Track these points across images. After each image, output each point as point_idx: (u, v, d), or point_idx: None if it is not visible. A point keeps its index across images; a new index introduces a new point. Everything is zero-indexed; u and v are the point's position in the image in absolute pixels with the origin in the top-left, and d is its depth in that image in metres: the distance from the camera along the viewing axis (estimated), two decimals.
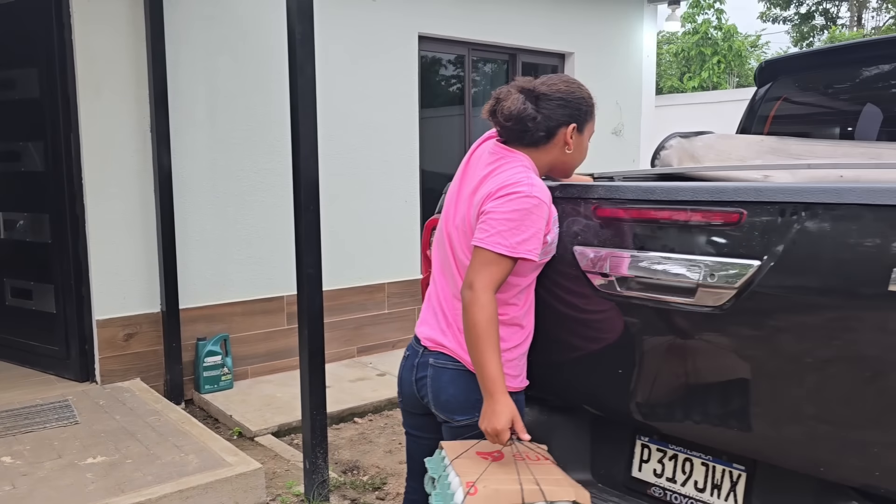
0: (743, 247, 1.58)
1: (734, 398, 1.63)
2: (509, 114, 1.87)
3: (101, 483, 3.06)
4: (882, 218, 1.40)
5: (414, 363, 2.01)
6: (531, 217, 1.75)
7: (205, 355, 4.59)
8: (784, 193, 1.54)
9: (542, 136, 1.89)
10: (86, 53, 4.14)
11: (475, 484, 1.63)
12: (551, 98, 1.89)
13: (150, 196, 4.40)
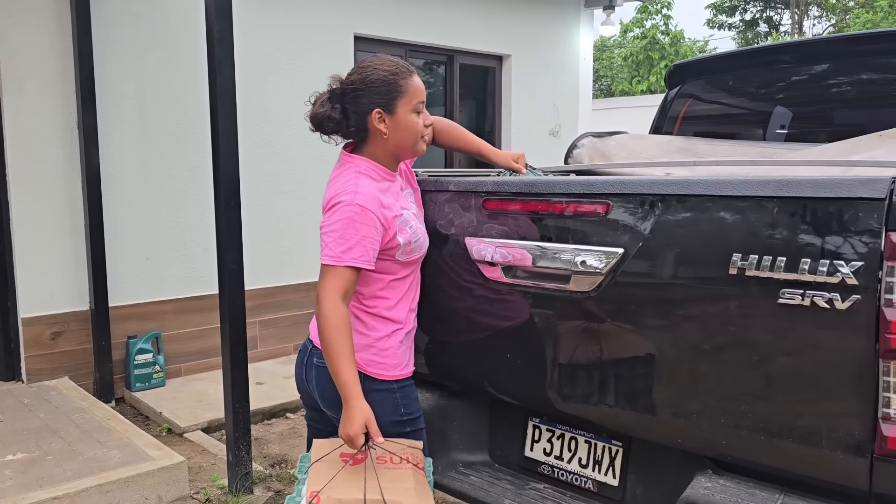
0: (609, 236, 1.69)
1: (606, 377, 1.74)
2: (312, 118, 1.92)
3: (19, 479, 3.04)
4: (722, 208, 1.51)
5: (303, 360, 2.03)
6: (354, 225, 1.76)
7: (136, 353, 4.57)
8: (644, 186, 1.65)
9: (353, 131, 1.90)
10: (7, 47, 4.09)
11: (319, 494, 1.68)
12: (349, 91, 1.88)
13: (77, 193, 4.37)
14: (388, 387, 1.91)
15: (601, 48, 28.71)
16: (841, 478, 1.42)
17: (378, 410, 1.81)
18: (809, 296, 1.39)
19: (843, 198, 1.37)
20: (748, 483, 1.56)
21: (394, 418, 1.90)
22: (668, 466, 1.76)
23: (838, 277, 1.36)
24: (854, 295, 1.35)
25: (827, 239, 1.38)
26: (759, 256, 1.45)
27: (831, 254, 1.37)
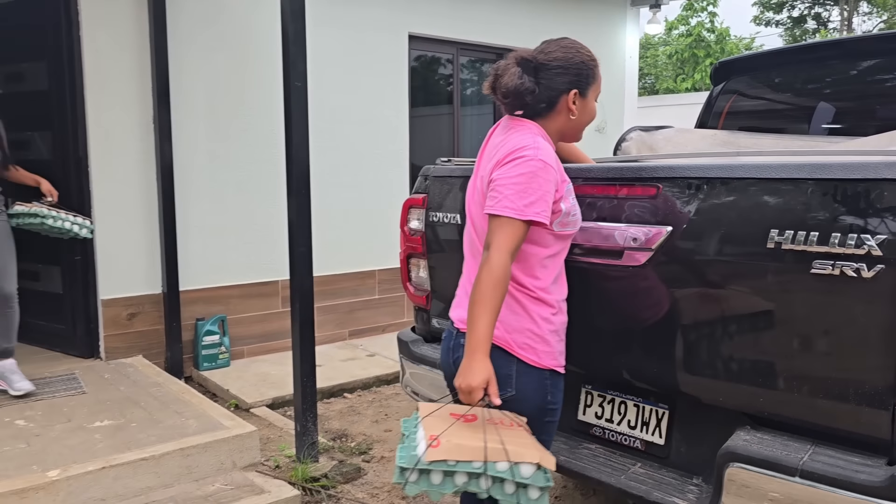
0: (659, 215, 1.88)
1: (654, 344, 1.93)
2: (506, 89, 1.87)
3: (109, 442, 3.34)
4: (761, 189, 1.70)
5: (450, 345, 2.01)
6: (537, 180, 1.75)
7: (203, 334, 4.88)
8: (690, 170, 1.83)
9: (543, 107, 1.90)
10: (93, 49, 4.42)
11: (438, 437, 1.63)
12: (550, 67, 1.89)
13: (152, 184, 4.69)
14: (539, 374, 1.89)
15: (646, 46, 28.52)
16: (866, 429, 1.59)
17: (528, 394, 1.85)
18: (839, 266, 1.56)
19: (869, 178, 1.54)
20: (783, 436, 1.74)
21: (541, 405, 1.90)
22: (710, 425, 1.94)
23: (865, 249, 1.53)
24: (879, 265, 1.52)
25: (855, 216, 1.56)
26: (794, 232, 1.63)
27: (859, 228, 1.54)
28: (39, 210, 4.06)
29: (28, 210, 4.06)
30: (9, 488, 2.88)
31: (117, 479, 3.10)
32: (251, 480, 3.32)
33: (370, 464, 3.67)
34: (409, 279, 2.79)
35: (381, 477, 3.52)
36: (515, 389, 1.84)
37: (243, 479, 3.33)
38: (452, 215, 2.49)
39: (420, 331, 2.83)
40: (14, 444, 3.30)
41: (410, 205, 2.69)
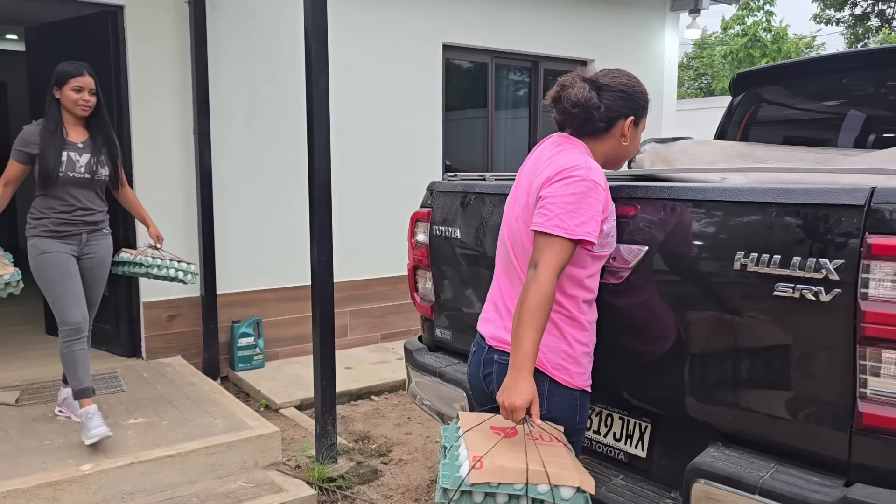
0: (637, 234, 1.93)
1: (630, 360, 1.98)
2: (576, 101, 1.90)
3: (140, 439, 3.54)
4: (730, 212, 1.73)
5: (481, 359, 2.04)
6: (588, 200, 1.77)
7: (239, 336, 5.08)
8: (665, 192, 1.88)
9: (602, 126, 1.94)
10: (137, 64, 4.67)
11: (482, 459, 1.66)
12: (613, 89, 1.95)
13: (192, 191, 4.91)
14: (570, 394, 1.93)
15: (701, 46, 28.01)
16: (825, 449, 1.61)
17: (559, 413, 1.89)
18: (799, 289, 1.59)
19: (829, 204, 1.56)
20: (751, 454, 1.77)
21: (570, 424, 1.93)
22: (688, 441, 1.98)
23: (823, 273, 1.56)
24: (836, 289, 1.54)
25: (814, 240, 1.58)
26: (758, 254, 1.66)
27: (818, 252, 1.57)
28: (145, 259, 3.82)
29: (132, 258, 3.82)
30: (45, 480, 3.09)
31: (145, 475, 3.29)
32: (271, 479, 3.47)
33: (388, 466, 3.78)
34: (416, 290, 2.89)
35: (396, 479, 3.63)
36: (547, 409, 1.87)
37: (264, 478, 3.48)
38: (454, 230, 2.57)
39: (425, 340, 2.92)
40: (54, 439, 3.53)
41: (417, 218, 2.79)
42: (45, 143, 3.33)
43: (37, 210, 3.43)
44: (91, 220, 3.52)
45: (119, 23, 4.66)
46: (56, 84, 3.41)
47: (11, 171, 3.40)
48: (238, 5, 4.99)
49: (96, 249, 3.58)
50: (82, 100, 3.42)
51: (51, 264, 3.37)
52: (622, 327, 1.99)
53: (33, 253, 3.39)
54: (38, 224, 3.41)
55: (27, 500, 3.03)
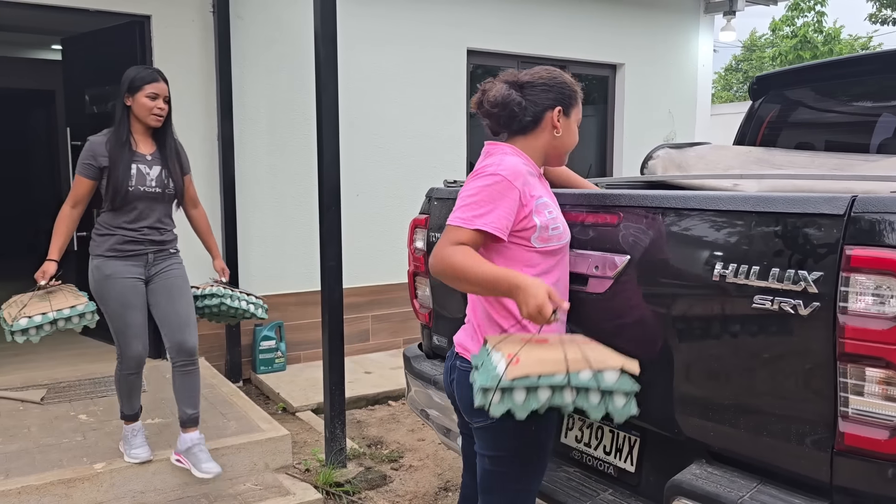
0: (620, 243, 1.88)
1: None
2: (495, 100, 1.93)
3: (154, 439, 3.60)
4: (710, 220, 1.67)
5: (448, 366, 2.08)
6: (490, 192, 1.79)
7: (261, 340, 5.14)
8: (648, 199, 1.82)
9: (529, 120, 1.94)
10: (165, 71, 4.74)
11: (517, 355, 1.58)
12: (535, 84, 1.95)
13: (216, 196, 4.99)
14: None
15: (750, 48, 27.42)
16: (808, 471, 1.54)
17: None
18: (777, 302, 1.52)
19: (808, 213, 1.49)
20: (734, 472, 1.70)
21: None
22: (676, 456, 1.92)
23: (801, 286, 1.49)
24: (814, 302, 1.47)
25: (794, 250, 1.51)
26: (737, 265, 1.60)
27: (797, 264, 1.50)
28: (218, 290, 3.41)
29: (202, 292, 3.40)
30: (59, 477, 3.17)
31: (156, 474, 3.34)
32: (280, 482, 3.49)
33: (398, 472, 3.77)
34: (416, 296, 2.88)
35: (405, 485, 3.61)
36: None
37: (273, 480, 3.50)
38: None
39: (424, 348, 2.91)
40: (72, 437, 3.62)
41: (415, 225, 2.78)
42: (115, 155, 3.05)
43: (102, 227, 3.14)
44: (159, 240, 3.21)
45: (146, 32, 4.77)
46: (128, 91, 3.11)
47: (80, 188, 3.11)
48: (262, 15, 5.06)
49: (165, 266, 3.24)
50: (157, 108, 3.14)
51: (114, 295, 3.09)
52: (607, 339, 1.94)
53: (97, 275, 3.10)
54: (102, 242, 3.12)
55: (40, 497, 3.10)
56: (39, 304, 2.95)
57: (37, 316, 2.90)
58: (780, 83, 3.47)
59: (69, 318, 2.98)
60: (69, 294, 3.07)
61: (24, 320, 2.86)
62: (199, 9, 4.84)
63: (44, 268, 3.05)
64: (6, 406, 4.06)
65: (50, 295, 3.04)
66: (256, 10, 5.04)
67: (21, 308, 2.92)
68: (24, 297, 3.03)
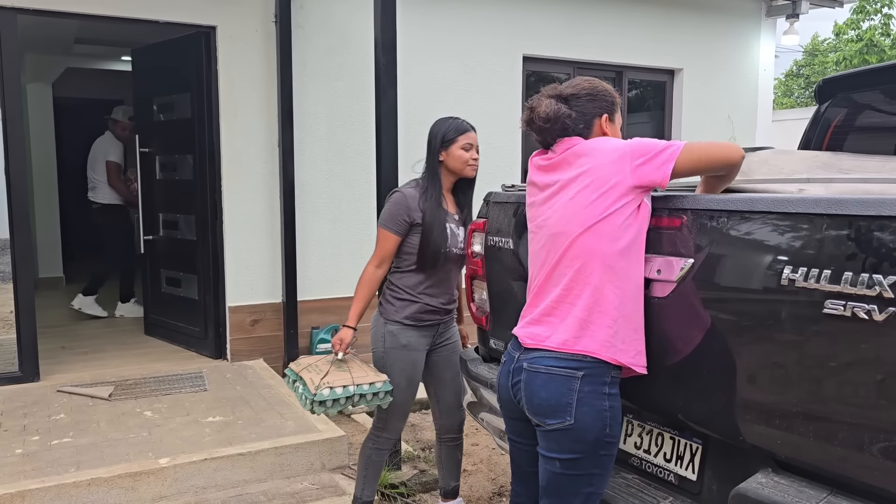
0: (683, 246, 1.86)
1: (678, 378, 1.91)
2: (546, 116, 2.01)
3: (215, 437, 3.70)
4: (779, 223, 1.64)
5: (510, 368, 2.06)
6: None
7: (317, 342, 5.22)
8: (713, 202, 1.80)
9: (581, 127, 2.04)
10: (227, 81, 4.91)
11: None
12: (579, 96, 2.06)
13: (276, 201, 5.11)
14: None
15: (812, 53, 26.68)
16: (880, 481, 1.49)
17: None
18: (850, 307, 1.49)
19: (883, 216, 1.45)
20: (802, 482, 1.66)
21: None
22: (740, 465, 1.88)
23: (876, 290, 1.45)
24: (890, 307, 1.43)
25: (868, 254, 1.48)
26: (807, 269, 1.57)
27: (871, 268, 1.46)
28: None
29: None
30: (126, 471, 3.28)
31: (217, 471, 3.43)
32: (336, 482, 3.54)
33: None
34: (472, 300, 2.89)
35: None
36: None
37: (329, 480, 3.56)
38: (507, 240, 2.56)
39: (481, 351, 2.92)
40: (138, 433, 3.74)
41: (473, 229, 2.80)
42: (430, 213, 2.82)
43: (404, 290, 2.91)
44: (450, 308, 3.01)
45: (212, 42, 4.92)
46: (442, 144, 2.90)
47: (388, 245, 2.88)
48: (322, 24, 5.17)
49: (449, 336, 3.06)
50: (472, 158, 2.91)
51: (402, 367, 2.89)
52: (669, 344, 1.92)
53: (390, 342, 2.91)
54: (402, 308, 2.91)
55: (109, 489, 3.22)
56: (340, 375, 2.75)
57: (338, 388, 2.68)
58: (847, 86, 3.37)
59: (365, 394, 2.74)
60: (366, 367, 2.85)
61: (326, 390, 2.67)
62: (262, 19, 4.97)
63: (341, 335, 2.88)
64: (77, 402, 4.22)
65: (347, 364, 2.84)
66: (317, 20, 5.15)
67: (323, 376, 2.73)
68: (320, 363, 2.86)
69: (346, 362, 2.85)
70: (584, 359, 1.90)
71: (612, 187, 1.86)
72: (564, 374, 1.90)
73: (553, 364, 1.92)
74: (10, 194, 4.46)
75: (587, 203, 1.88)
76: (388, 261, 2.93)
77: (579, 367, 1.90)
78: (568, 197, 1.94)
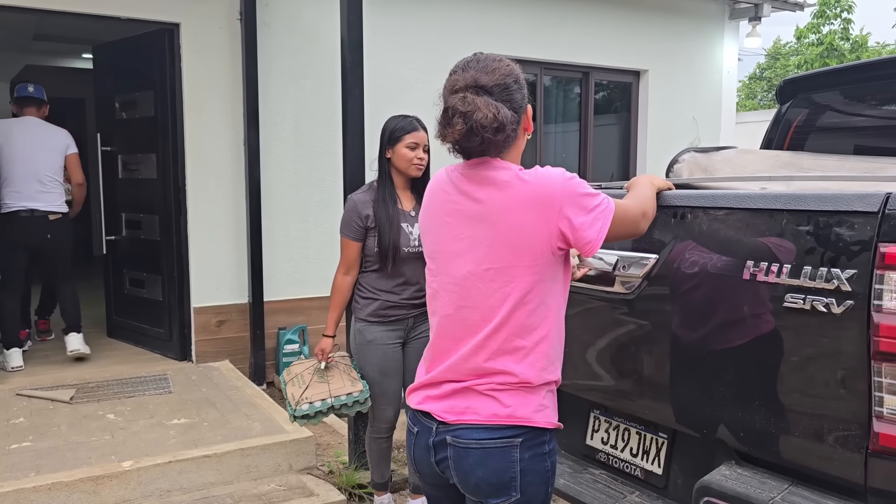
0: (647, 242, 1.88)
1: (641, 373, 1.93)
2: (499, 123, 1.54)
3: (180, 439, 3.64)
4: (740, 219, 1.67)
5: (427, 442, 1.70)
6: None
7: (284, 343, 5.18)
8: (677, 199, 1.82)
9: (512, 131, 1.61)
10: (191, 79, 4.84)
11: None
12: (507, 86, 1.60)
13: (241, 201, 5.05)
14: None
15: (774, 56, 27.21)
16: (842, 472, 1.53)
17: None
18: (809, 300, 1.52)
19: (842, 211, 1.49)
20: (764, 474, 1.69)
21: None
22: (704, 458, 1.91)
23: (834, 284, 1.48)
24: (848, 300, 1.46)
25: (826, 248, 1.51)
26: (768, 263, 1.60)
27: (830, 262, 1.50)
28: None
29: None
30: (87, 475, 3.21)
31: (182, 473, 3.37)
32: (304, 483, 3.51)
33: None
34: None
35: None
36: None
37: (297, 481, 3.52)
38: None
39: None
40: (101, 436, 3.67)
41: None
42: (383, 215, 2.91)
43: (366, 289, 3.03)
44: (420, 304, 3.02)
45: (175, 39, 4.84)
46: (388, 142, 2.97)
47: (350, 252, 3.01)
48: (288, 22, 5.12)
49: (424, 329, 3.05)
50: (417, 158, 2.94)
51: (373, 361, 3.04)
52: (634, 339, 1.94)
53: (359, 339, 3.07)
54: (366, 306, 3.03)
55: (70, 493, 3.15)
56: (319, 387, 3.03)
57: (317, 402, 3.00)
58: (808, 86, 3.44)
59: (345, 403, 3.02)
60: (345, 376, 3.07)
61: (306, 405, 3.00)
62: (227, 17, 4.91)
63: (321, 346, 3.09)
64: (37, 405, 4.12)
65: (328, 373, 3.08)
66: (283, 18, 5.10)
67: (303, 390, 3.03)
68: (304, 373, 3.11)
69: (330, 370, 3.10)
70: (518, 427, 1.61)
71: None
72: (500, 446, 1.60)
73: (485, 437, 1.61)
74: None
75: None
76: (354, 266, 3.05)
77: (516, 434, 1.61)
78: None
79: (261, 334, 5.11)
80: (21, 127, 4.79)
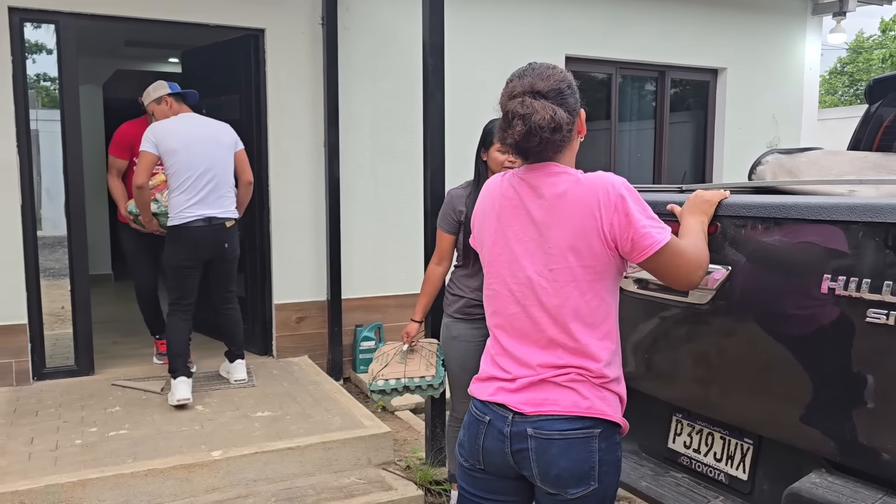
0: (719, 254, 1.88)
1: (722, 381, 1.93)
2: (556, 124, 1.64)
3: (264, 431, 3.79)
4: (815, 230, 1.65)
5: (505, 432, 1.73)
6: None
7: (361, 340, 5.31)
8: (747, 209, 1.82)
9: (568, 133, 1.72)
10: (275, 82, 5.01)
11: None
12: (562, 91, 1.70)
13: (321, 201, 5.20)
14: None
15: (857, 50, 26.10)
16: None
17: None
18: (893, 316, 1.50)
19: None
20: (857, 483, 1.67)
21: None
22: (792, 465, 1.90)
23: None
24: None
25: None
26: (846, 278, 1.58)
27: None
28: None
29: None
30: (180, 462, 3.39)
31: (267, 464, 3.52)
32: (382, 477, 3.61)
33: None
34: None
35: None
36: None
37: (375, 476, 3.63)
38: None
39: None
40: (191, 426, 3.86)
41: None
42: (472, 211, 2.93)
43: (455, 286, 3.17)
44: None
45: (260, 45, 5.03)
46: (484, 145, 3.07)
47: (443, 244, 3.17)
48: (368, 26, 5.25)
49: None
50: (508, 161, 2.96)
51: (455, 357, 3.15)
52: (713, 348, 1.94)
53: (445, 334, 3.21)
54: (453, 303, 3.17)
55: (164, 479, 3.33)
56: (397, 367, 3.25)
57: (392, 381, 3.22)
58: None
59: (417, 386, 3.27)
60: (423, 360, 3.28)
61: (380, 381, 3.21)
62: (309, 21, 5.07)
63: (407, 329, 3.28)
64: (131, 395, 4.36)
65: (409, 356, 3.29)
66: (363, 22, 5.23)
67: (382, 368, 3.23)
68: (390, 352, 3.30)
69: (413, 353, 3.29)
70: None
71: None
72: (581, 437, 1.67)
73: (568, 427, 1.67)
74: (68, 193, 4.63)
75: None
76: (446, 258, 3.22)
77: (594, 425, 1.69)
78: None
79: (338, 331, 5.25)
80: (192, 125, 4.23)
